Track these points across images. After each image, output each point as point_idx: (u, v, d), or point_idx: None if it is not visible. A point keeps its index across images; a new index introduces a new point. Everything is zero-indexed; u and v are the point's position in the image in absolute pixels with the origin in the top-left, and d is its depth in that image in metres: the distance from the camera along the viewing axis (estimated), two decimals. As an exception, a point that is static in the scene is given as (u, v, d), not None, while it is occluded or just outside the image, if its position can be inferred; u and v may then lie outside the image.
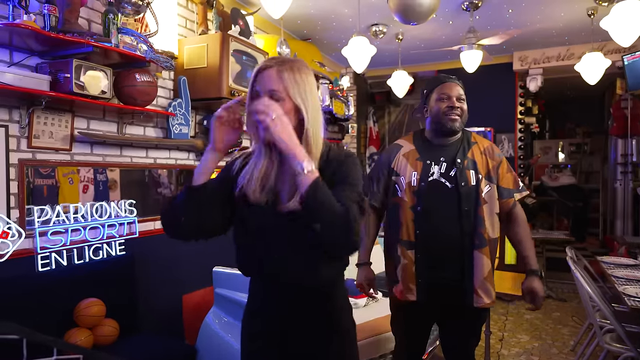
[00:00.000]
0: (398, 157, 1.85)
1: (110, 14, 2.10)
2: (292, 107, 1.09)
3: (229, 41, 2.79)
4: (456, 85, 1.83)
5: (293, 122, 1.08)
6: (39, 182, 2.11)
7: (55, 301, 2.07)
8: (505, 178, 1.80)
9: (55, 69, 1.99)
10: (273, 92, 1.08)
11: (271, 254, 1.15)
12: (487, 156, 1.79)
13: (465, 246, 1.71)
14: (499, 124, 5.35)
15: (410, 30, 4.28)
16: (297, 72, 1.11)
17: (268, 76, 1.09)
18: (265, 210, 1.13)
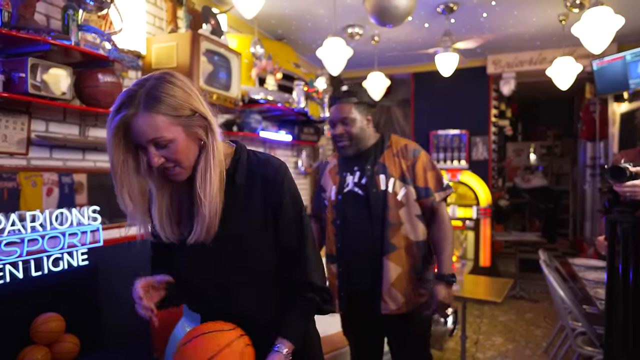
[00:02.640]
0: (325, 174, 1.91)
1: (69, 9, 1.97)
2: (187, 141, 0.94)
3: (200, 40, 2.69)
4: (341, 107, 1.75)
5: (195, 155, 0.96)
6: (0, 185, 1.97)
7: (10, 317, 1.93)
8: (421, 177, 1.74)
9: (8, 68, 1.85)
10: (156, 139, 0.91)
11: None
12: (401, 157, 1.76)
13: (375, 253, 1.70)
14: (474, 127, 5.41)
15: (386, 32, 4.26)
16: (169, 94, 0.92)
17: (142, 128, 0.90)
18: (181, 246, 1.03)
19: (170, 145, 0.91)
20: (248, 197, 1.01)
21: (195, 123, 0.93)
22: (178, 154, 0.92)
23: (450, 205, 5.14)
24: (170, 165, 0.93)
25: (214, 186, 0.95)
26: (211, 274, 1.03)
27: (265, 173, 1.03)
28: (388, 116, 6.38)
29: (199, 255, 1.02)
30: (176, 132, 0.90)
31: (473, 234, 4.99)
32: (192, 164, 0.95)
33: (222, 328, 0.97)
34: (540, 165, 7.98)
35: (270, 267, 1.05)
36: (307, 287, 1.07)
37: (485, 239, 4.98)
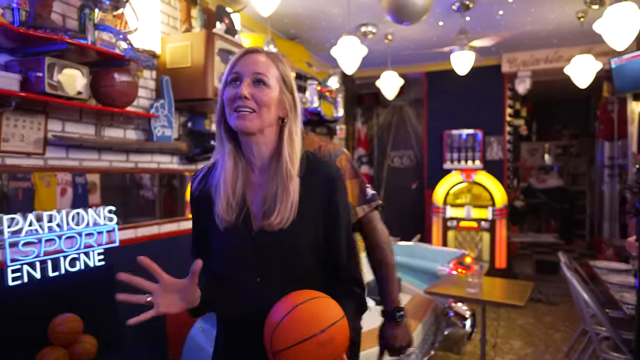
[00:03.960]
0: None
1: (86, 8, 1.96)
2: (276, 100, 0.97)
3: (214, 40, 2.67)
4: None
5: (273, 118, 0.97)
6: (13, 185, 1.97)
7: (28, 317, 1.92)
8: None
9: (26, 68, 1.84)
10: (259, 75, 0.95)
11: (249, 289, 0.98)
12: None
13: None
14: (488, 126, 5.33)
15: (400, 31, 4.21)
16: (286, 65, 1.01)
17: (255, 60, 0.96)
18: (237, 231, 0.99)
19: (265, 88, 0.95)
20: (305, 191, 0.98)
21: (288, 98, 0.99)
22: (266, 96, 0.95)
23: (465, 206, 5.07)
24: (251, 105, 0.94)
25: (297, 162, 0.98)
26: (251, 268, 0.98)
27: (326, 172, 1.03)
28: (400, 116, 6.32)
29: (241, 246, 0.98)
30: (275, 85, 0.96)
31: (488, 235, 4.91)
32: (266, 121, 0.96)
33: (325, 296, 0.88)
34: (555, 166, 7.85)
35: (311, 265, 1.01)
36: (354, 283, 1.06)
37: (501, 240, 4.90)
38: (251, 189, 1.01)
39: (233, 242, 0.98)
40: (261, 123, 0.95)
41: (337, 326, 0.84)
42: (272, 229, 0.95)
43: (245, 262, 0.98)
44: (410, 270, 3.53)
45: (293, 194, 0.95)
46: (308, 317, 0.83)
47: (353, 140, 6.17)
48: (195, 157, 2.91)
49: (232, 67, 0.97)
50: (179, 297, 0.89)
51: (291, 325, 0.82)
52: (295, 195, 0.95)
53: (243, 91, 0.92)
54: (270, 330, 0.84)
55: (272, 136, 0.99)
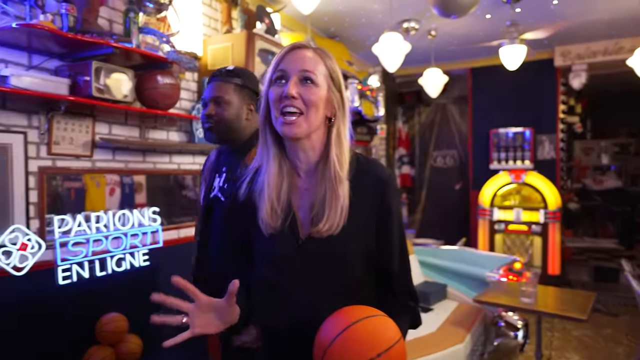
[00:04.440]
0: (204, 169, 1.57)
1: (131, 12, 1.99)
2: (325, 99, 0.90)
3: (255, 40, 2.65)
4: (218, 85, 1.40)
5: (320, 119, 0.91)
6: (67, 186, 2.04)
7: (76, 316, 1.98)
8: None
9: (74, 72, 1.89)
10: (307, 73, 0.88)
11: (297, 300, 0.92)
12: None
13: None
14: (539, 124, 5.03)
15: (444, 25, 4.05)
16: (333, 60, 0.94)
17: (302, 56, 0.89)
18: (283, 238, 0.93)
19: (312, 86, 0.89)
20: (354, 195, 0.92)
21: (336, 96, 0.93)
22: (314, 96, 0.89)
23: (514, 208, 4.81)
24: (299, 105, 0.88)
25: (346, 165, 0.91)
26: (298, 276, 0.92)
27: (376, 172, 0.95)
28: (444, 114, 6.11)
29: (288, 253, 0.93)
30: (323, 83, 0.91)
31: (540, 239, 4.62)
32: (314, 123, 0.90)
33: (381, 313, 0.82)
34: (612, 165, 7.32)
35: (362, 274, 0.94)
36: (408, 296, 0.99)
37: (554, 245, 4.60)
38: (297, 194, 0.95)
39: (279, 249, 0.93)
40: (309, 127, 0.89)
41: (395, 349, 0.77)
42: (321, 236, 0.89)
43: (291, 270, 0.92)
44: (456, 276, 3.37)
45: (343, 198, 0.89)
46: (364, 338, 0.76)
47: (394, 139, 6.02)
48: (236, 159, 2.91)
49: (278, 64, 0.91)
50: (215, 317, 0.86)
51: (345, 346, 0.75)
52: (345, 199, 0.89)
53: (290, 90, 0.86)
54: (321, 349, 0.79)
55: (320, 138, 0.93)
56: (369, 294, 0.95)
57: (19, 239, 1.80)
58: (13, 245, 1.78)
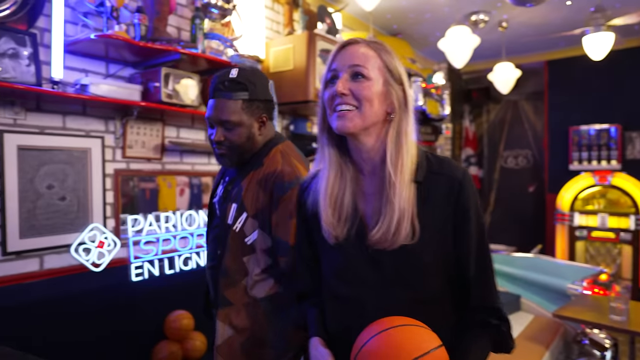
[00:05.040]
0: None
1: (197, 19, 2.05)
2: (380, 93, 0.84)
3: (316, 40, 2.63)
4: (223, 103, 1.19)
5: (378, 114, 0.84)
6: (142, 186, 2.16)
7: (147, 311, 2.07)
8: (281, 225, 1.16)
9: (146, 79, 1.98)
10: (357, 67, 0.83)
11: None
12: (262, 187, 1.19)
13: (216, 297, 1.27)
14: (628, 120, 4.52)
15: (517, 16, 3.77)
16: (391, 53, 0.87)
17: (352, 52, 0.85)
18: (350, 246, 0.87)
19: (364, 81, 0.84)
20: (427, 198, 0.85)
21: (395, 89, 0.86)
22: (366, 90, 0.83)
23: (598, 213, 4.35)
24: (350, 102, 0.83)
25: (406, 168, 0.83)
26: (368, 288, 0.86)
27: (450, 172, 0.86)
28: (515, 111, 5.71)
29: (356, 263, 0.87)
30: (377, 76, 0.85)
31: (630, 248, 4.14)
32: (369, 118, 0.84)
33: (423, 325, 0.78)
34: None
35: (440, 286, 0.86)
36: (491, 313, 0.86)
37: (647, 255, 4.10)
38: (364, 198, 0.89)
39: (346, 259, 0.88)
40: (363, 121, 0.84)
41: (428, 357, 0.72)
42: (392, 246, 0.83)
43: (361, 282, 0.86)
44: (531, 286, 3.10)
45: (399, 203, 0.81)
46: (395, 343, 0.74)
47: (460, 139, 5.74)
48: (297, 160, 2.91)
49: (330, 64, 0.88)
50: None
51: (375, 348, 0.75)
52: (403, 204, 0.81)
53: (339, 88, 0.83)
54: (355, 350, 0.79)
55: (380, 136, 0.86)
56: (449, 308, 0.86)
57: (97, 237, 1.92)
58: (92, 242, 1.90)
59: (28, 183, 1.73)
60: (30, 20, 1.71)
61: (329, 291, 0.92)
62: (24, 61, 1.61)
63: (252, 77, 1.21)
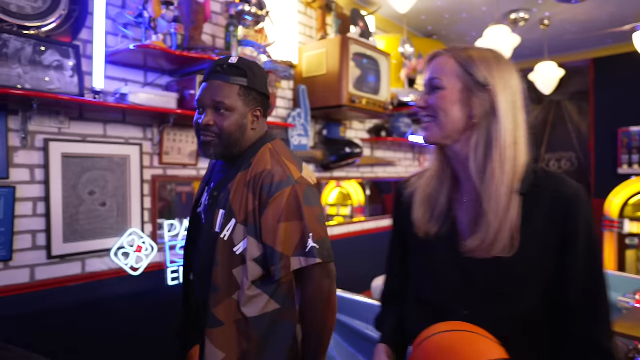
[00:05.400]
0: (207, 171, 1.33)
1: (231, 26, 2.07)
2: (455, 101, 0.81)
3: (349, 44, 2.60)
4: (218, 85, 1.10)
5: (459, 122, 0.81)
6: (179, 190, 2.22)
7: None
8: (270, 231, 1.06)
9: (182, 87, 2.02)
10: (433, 81, 0.85)
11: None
12: (251, 190, 1.09)
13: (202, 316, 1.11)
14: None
15: (560, 13, 3.60)
16: (474, 58, 0.82)
17: (432, 65, 0.88)
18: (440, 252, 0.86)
19: (439, 92, 0.84)
20: (529, 212, 0.80)
21: (478, 94, 0.81)
22: (439, 101, 0.84)
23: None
24: (430, 113, 0.85)
25: (500, 178, 0.79)
26: (456, 297, 0.83)
27: (557, 188, 0.80)
28: (558, 112, 5.45)
29: (445, 269, 0.85)
30: (451, 84, 0.83)
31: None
32: (447, 127, 0.83)
33: (485, 334, 0.74)
34: None
35: (531, 306, 0.79)
36: (594, 351, 0.76)
37: None
38: (459, 204, 0.87)
39: (434, 262, 0.87)
40: (441, 130, 0.84)
41: None
42: (485, 255, 0.79)
43: (449, 289, 0.84)
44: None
45: (501, 215, 0.77)
46: (441, 349, 0.72)
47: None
48: (331, 165, 2.89)
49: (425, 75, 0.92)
50: None
51: (423, 353, 0.74)
52: (504, 216, 0.77)
53: (418, 102, 0.88)
54: (420, 339, 0.78)
55: (473, 144, 0.84)
56: (538, 332, 0.79)
57: (135, 241, 1.97)
58: (130, 247, 1.95)
59: (71, 189, 1.80)
60: (74, 33, 1.78)
61: (414, 293, 0.91)
62: (68, 72, 1.68)
63: (253, 66, 1.15)
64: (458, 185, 0.88)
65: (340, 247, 3.10)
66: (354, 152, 2.83)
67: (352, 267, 3.10)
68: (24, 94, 1.50)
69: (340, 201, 3.46)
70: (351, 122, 3.23)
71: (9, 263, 1.65)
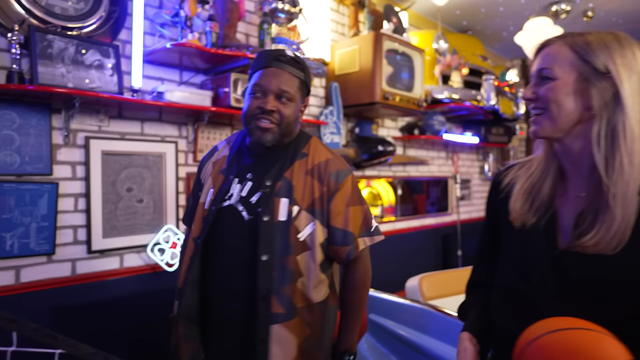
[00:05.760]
0: (208, 163, 1.26)
1: (264, 24, 2.07)
2: (568, 92, 0.76)
3: (382, 40, 2.56)
4: (282, 74, 1.11)
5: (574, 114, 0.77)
6: None
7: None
8: (340, 214, 1.12)
9: (216, 85, 2.03)
10: (542, 71, 0.79)
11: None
12: (316, 178, 1.13)
13: (259, 316, 1.06)
14: None
15: (604, 4, 3.43)
16: (590, 45, 0.76)
17: (542, 55, 0.81)
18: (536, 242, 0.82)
19: (548, 83, 0.79)
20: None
21: (596, 83, 0.75)
22: (549, 92, 0.79)
23: None
24: (539, 107, 0.80)
25: (626, 175, 0.73)
26: (548, 290, 0.79)
27: None
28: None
29: (538, 260, 0.81)
30: (564, 74, 0.77)
31: None
32: (560, 120, 0.78)
33: (606, 332, 0.68)
34: None
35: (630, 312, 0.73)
36: None
37: None
38: (564, 198, 0.82)
39: (528, 252, 0.83)
40: (553, 124, 0.78)
41: None
42: (585, 251, 0.74)
43: (538, 279, 0.80)
44: None
45: (631, 210, 0.72)
46: (563, 348, 0.66)
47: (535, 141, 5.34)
48: (363, 164, 2.85)
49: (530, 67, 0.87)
50: None
51: (549, 346, 0.67)
52: (631, 211, 0.72)
53: (524, 94, 0.83)
54: (524, 341, 0.72)
55: (588, 136, 0.78)
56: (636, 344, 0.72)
57: (170, 237, 2.00)
58: (166, 243, 1.98)
59: (110, 186, 1.84)
60: (113, 34, 1.82)
61: (503, 282, 0.87)
62: (107, 71, 1.72)
63: (305, 64, 1.18)
64: (564, 179, 0.83)
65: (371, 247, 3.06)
66: (386, 150, 2.78)
67: (383, 267, 3.05)
68: (67, 92, 1.54)
69: (370, 201, 3.41)
70: (383, 120, 3.18)
71: (52, 257, 1.70)
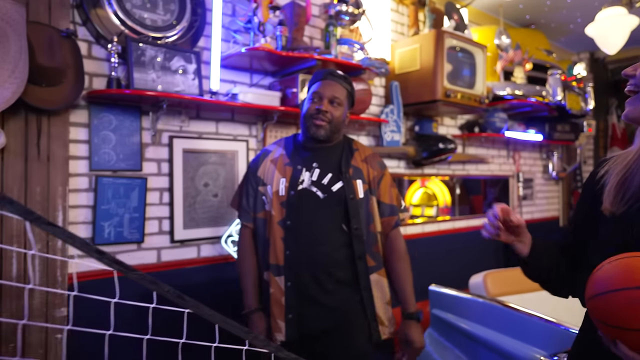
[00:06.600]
0: (265, 162, 1.58)
1: (330, 26, 2.15)
2: None
3: (444, 38, 2.56)
4: (334, 85, 1.50)
5: None
6: None
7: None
8: (387, 192, 1.57)
9: (284, 86, 2.14)
10: None
11: None
12: (370, 165, 1.56)
13: (360, 271, 1.47)
14: None
15: (686, -11, 3.18)
16: None
17: None
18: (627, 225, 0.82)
19: None
20: None
21: None
22: None
23: None
24: (633, 84, 0.83)
25: None
26: None
27: None
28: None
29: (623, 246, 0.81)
30: None
31: None
32: None
33: None
34: None
35: None
36: None
37: None
38: None
39: (615, 241, 0.83)
40: None
41: None
42: None
43: None
44: None
45: None
46: (628, 269, 0.71)
47: (605, 137, 5.03)
48: (422, 162, 2.86)
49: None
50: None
51: (608, 273, 0.73)
52: None
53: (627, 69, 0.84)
54: (591, 276, 0.78)
55: None
56: None
57: (240, 231, 2.13)
58: (238, 235, 2.11)
59: (189, 181, 2.00)
60: (193, 41, 1.98)
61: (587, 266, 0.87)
62: (190, 76, 1.87)
63: (351, 81, 1.57)
64: None
65: (428, 245, 3.05)
66: (447, 148, 2.77)
67: (443, 264, 3.04)
68: (157, 95, 1.71)
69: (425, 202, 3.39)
70: (442, 119, 3.17)
71: (141, 245, 1.88)
